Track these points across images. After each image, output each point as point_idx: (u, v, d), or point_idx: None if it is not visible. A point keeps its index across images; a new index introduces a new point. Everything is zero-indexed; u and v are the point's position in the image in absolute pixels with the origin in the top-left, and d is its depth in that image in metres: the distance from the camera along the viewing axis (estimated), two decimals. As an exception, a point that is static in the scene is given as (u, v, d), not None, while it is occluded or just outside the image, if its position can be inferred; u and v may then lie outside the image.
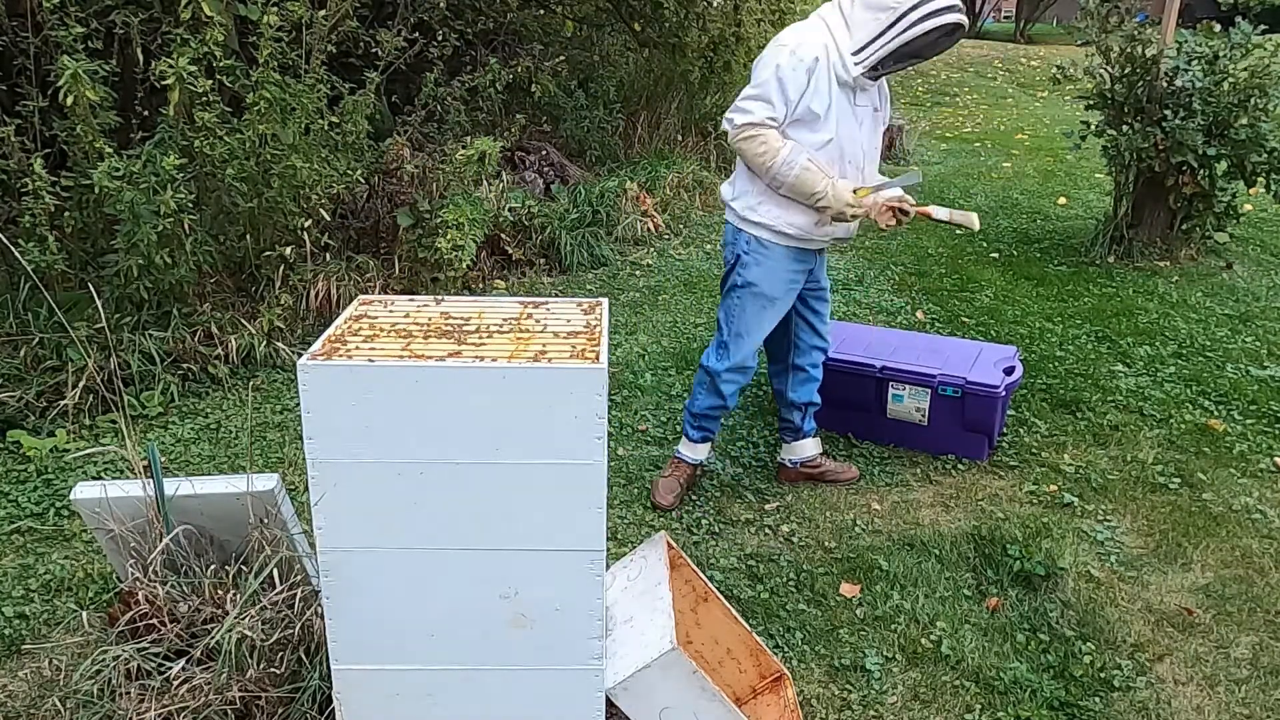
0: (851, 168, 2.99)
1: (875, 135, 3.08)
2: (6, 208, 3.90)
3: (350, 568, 1.88)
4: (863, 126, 2.99)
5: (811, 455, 3.46)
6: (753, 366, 3.24)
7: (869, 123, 3.02)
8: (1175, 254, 5.96)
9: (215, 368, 4.10)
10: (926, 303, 5.31)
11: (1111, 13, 5.66)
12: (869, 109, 3.01)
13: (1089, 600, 2.86)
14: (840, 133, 2.93)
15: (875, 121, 3.06)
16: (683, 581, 2.39)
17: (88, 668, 2.11)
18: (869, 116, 3.02)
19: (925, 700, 2.48)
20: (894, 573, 2.96)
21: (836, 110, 2.91)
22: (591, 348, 1.86)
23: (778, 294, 3.12)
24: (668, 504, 3.29)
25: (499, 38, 6.42)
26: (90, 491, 2.27)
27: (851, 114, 2.95)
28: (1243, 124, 5.41)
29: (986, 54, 16.72)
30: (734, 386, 3.25)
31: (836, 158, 2.95)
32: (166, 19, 4.20)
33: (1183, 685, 2.55)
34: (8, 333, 3.83)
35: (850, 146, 2.97)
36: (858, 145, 2.99)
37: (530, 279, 5.58)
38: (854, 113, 2.95)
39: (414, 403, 1.77)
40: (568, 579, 1.90)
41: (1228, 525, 3.25)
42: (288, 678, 2.12)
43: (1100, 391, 4.21)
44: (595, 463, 1.82)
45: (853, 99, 2.94)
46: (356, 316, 2.00)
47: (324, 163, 4.44)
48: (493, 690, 1.99)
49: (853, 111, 2.95)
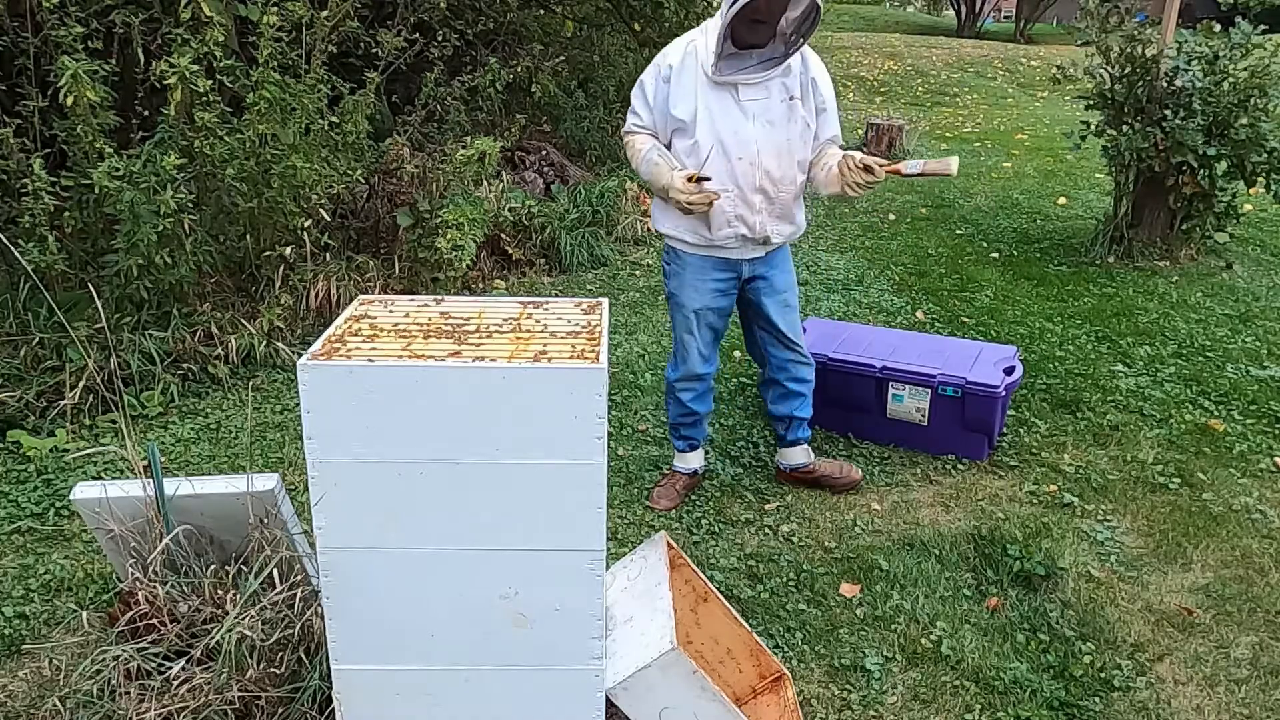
0: (746, 164, 2.90)
1: (788, 127, 2.92)
2: (6, 208, 3.90)
3: (350, 568, 1.88)
4: (757, 120, 2.88)
5: (800, 463, 3.42)
6: (704, 374, 3.21)
7: (775, 116, 2.89)
8: (1175, 254, 5.96)
9: (215, 368, 4.10)
10: (926, 303, 5.31)
11: (1111, 13, 5.66)
12: (769, 101, 2.88)
13: (1089, 600, 2.86)
14: (721, 131, 2.86)
15: (787, 112, 2.91)
16: (683, 581, 2.39)
17: (88, 668, 2.11)
18: (773, 109, 2.89)
19: (925, 700, 2.48)
20: (894, 573, 2.96)
21: (711, 112, 2.86)
22: (591, 348, 1.86)
23: (697, 303, 3.09)
24: (664, 507, 3.30)
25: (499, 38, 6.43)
26: (90, 491, 2.27)
27: (738, 111, 2.87)
28: (1243, 124, 5.41)
29: (986, 54, 16.72)
30: (691, 394, 3.24)
31: (719, 157, 2.88)
32: (166, 19, 4.20)
33: (1183, 685, 2.55)
34: (8, 333, 3.83)
35: (738, 144, 2.88)
36: (751, 141, 2.88)
37: (530, 279, 5.59)
38: (741, 109, 2.87)
39: (414, 403, 1.77)
40: (568, 579, 1.89)
41: (1228, 525, 3.25)
42: (288, 678, 2.12)
43: (1100, 391, 4.21)
44: (595, 463, 1.82)
45: (736, 95, 2.87)
46: (356, 316, 2.00)
47: (324, 163, 4.44)
48: (493, 690, 1.99)
49: (739, 108, 2.87)
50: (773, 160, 2.92)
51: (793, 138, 2.94)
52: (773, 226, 3.01)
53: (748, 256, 3.07)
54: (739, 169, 2.90)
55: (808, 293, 5.43)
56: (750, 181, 2.92)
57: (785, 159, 2.94)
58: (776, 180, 2.95)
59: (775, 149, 2.92)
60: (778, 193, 2.97)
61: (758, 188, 2.94)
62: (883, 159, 2.88)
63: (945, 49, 17.03)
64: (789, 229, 3.07)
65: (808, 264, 5.94)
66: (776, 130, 2.91)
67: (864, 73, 14.66)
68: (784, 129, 2.92)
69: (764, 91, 2.88)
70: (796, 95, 2.91)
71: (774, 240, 3.04)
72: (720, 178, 2.90)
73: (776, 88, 2.89)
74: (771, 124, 2.90)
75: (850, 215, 7.14)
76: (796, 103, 2.91)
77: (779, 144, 2.92)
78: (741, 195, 2.94)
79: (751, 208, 2.96)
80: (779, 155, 2.93)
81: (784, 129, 2.92)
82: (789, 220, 3.06)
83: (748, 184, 2.92)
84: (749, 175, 2.91)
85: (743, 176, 2.91)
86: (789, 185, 2.98)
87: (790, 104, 2.91)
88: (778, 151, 2.93)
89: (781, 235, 3.05)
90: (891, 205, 7.47)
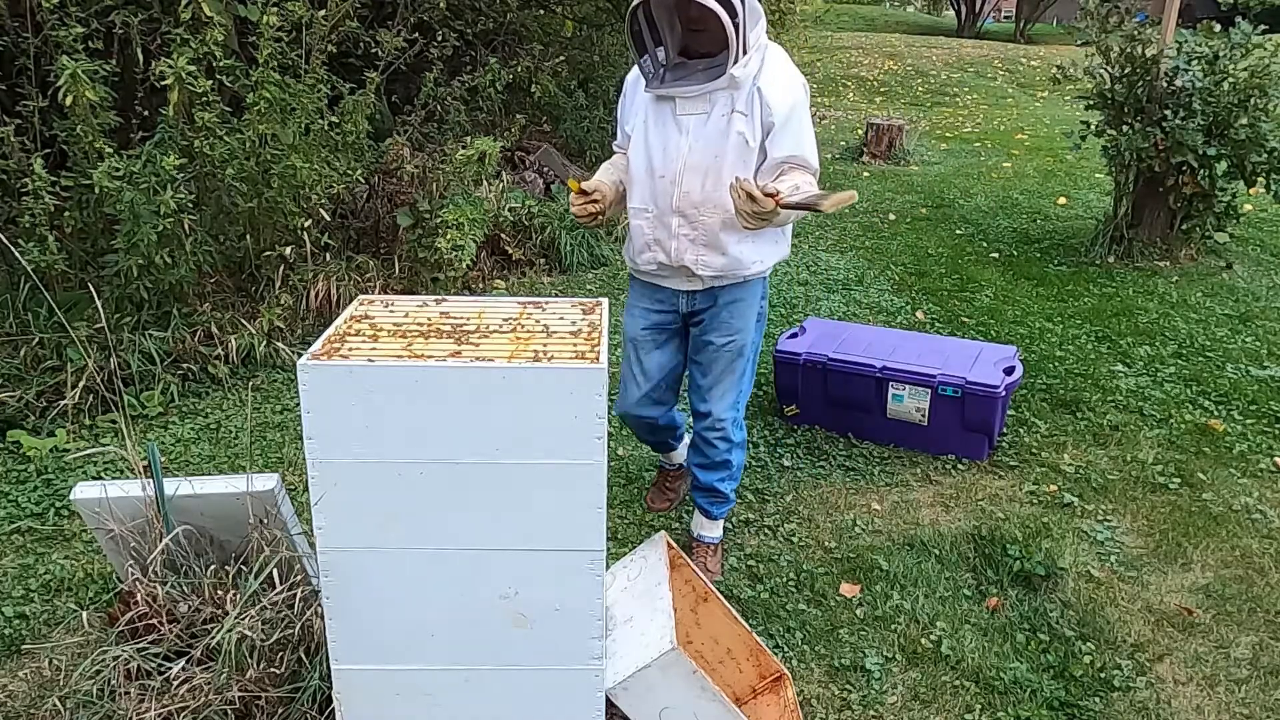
0: (666, 183, 2.61)
1: (719, 144, 2.55)
2: (6, 208, 3.90)
3: (350, 568, 1.88)
4: (689, 136, 2.57)
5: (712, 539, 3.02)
6: (644, 416, 2.94)
7: (710, 132, 2.56)
8: (1175, 254, 5.97)
9: (215, 368, 4.10)
10: (926, 303, 5.31)
11: (1111, 13, 5.66)
12: (709, 116, 2.56)
13: (1089, 600, 2.86)
14: (651, 146, 2.62)
15: (724, 126, 2.55)
16: (683, 581, 2.39)
17: (88, 668, 2.11)
18: (711, 125, 2.56)
19: (925, 700, 2.48)
20: (894, 573, 2.96)
21: (648, 124, 2.63)
22: (591, 348, 1.86)
23: (632, 331, 2.86)
24: (661, 508, 3.29)
25: (499, 38, 6.43)
26: (90, 491, 2.27)
27: (673, 124, 2.59)
28: (1243, 124, 5.42)
29: (986, 54, 16.72)
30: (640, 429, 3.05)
31: (644, 173, 2.64)
32: (166, 19, 4.20)
33: (1183, 685, 2.55)
34: (8, 333, 3.83)
35: (663, 160, 2.60)
36: (677, 157, 2.58)
37: (530, 279, 5.59)
38: (676, 122, 2.59)
39: (414, 403, 1.77)
40: (568, 579, 1.89)
41: (1228, 525, 3.25)
42: (288, 678, 2.12)
43: (1100, 391, 4.21)
44: (595, 463, 1.82)
45: (674, 108, 2.59)
46: (356, 316, 2.00)
47: (324, 163, 4.44)
48: (493, 690, 1.99)
49: (674, 121, 2.59)
50: (694, 180, 2.58)
51: (723, 156, 2.55)
52: (694, 255, 2.64)
53: (682, 288, 2.75)
54: (659, 187, 2.62)
55: (807, 293, 5.43)
56: (667, 202, 2.61)
57: (711, 179, 2.56)
58: (697, 203, 2.59)
59: (701, 168, 2.57)
60: (699, 217, 2.60)
61: (675, 209, 2.61)
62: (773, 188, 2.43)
63: (945, 49, 17.04)
64: (719, 260, 2.64)
65: (808, 264, 5.94)
66: (707, 147, 2.56)
67: (864, 73, 14.67)
68: (715, 145, 2.56)
69: (705, 105, 2.56)
70: (740, 108, 2.54)
71: (698, 272, 2.66)
72: (642, 197, 2.66)
73: (721, 101, 2.55)
74: (703, 140, 2.57)
75: (850, 215, 7.14)
76: (736, 117, 2.54)
77: (705, 163, 2.57)
78: (659, 217, 2.65)
79: (668, 231, 2.64)
80: (704, 175, 2.57)
81: (715, 145, 2.56)
82: (718, 250, 2.63)
83: (665, 205, 2.62)
84: (667, 195, 2.61)
85: (661, 196, 2.62)
86: (714, 209, 2.58)
87: (729, 118, 2.55)
88: (703, 170, 2.57)
89: (709, 268, 2.65)
90: (891, 205, 7.48)
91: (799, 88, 2.60)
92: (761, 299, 2.81)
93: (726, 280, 2.69)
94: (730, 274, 2.68)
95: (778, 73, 2.58)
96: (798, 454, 3.68)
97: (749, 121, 2.54)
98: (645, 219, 2.67)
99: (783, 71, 2.59)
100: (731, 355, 2.77)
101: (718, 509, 2.98)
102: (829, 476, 3.53)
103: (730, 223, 2.56)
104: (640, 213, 2.68)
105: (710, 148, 2.56)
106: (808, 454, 3.68)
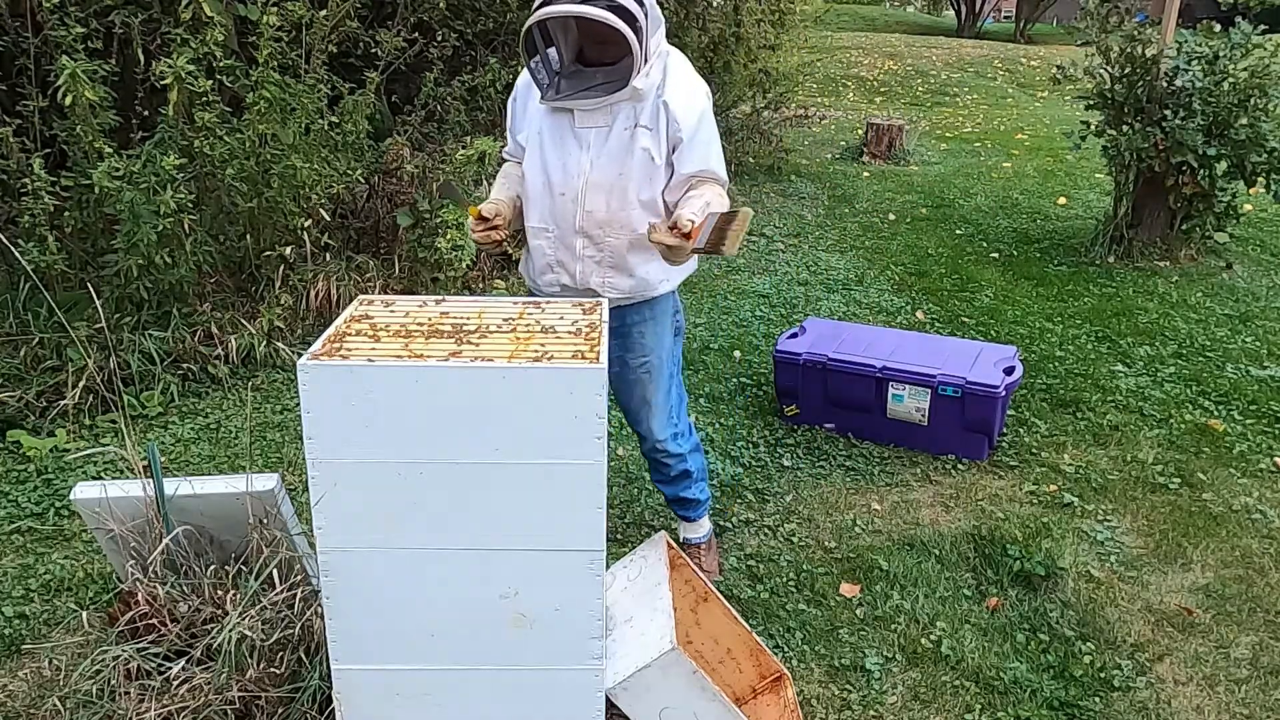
0: (568, 201, 2.45)
1: (624, 160, 2.41)
2: (6, 208, 3.91)
3: (350, 568, 1.88)
4: (590, 151, 2.42)
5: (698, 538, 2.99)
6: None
7: (612, 147, 2.41)
8: (1175, 254, 5.97)
9: (215, 368, 4.10)
10: (926, 303, 5.31)
11: (1111, 13, 5.66)
12: (611, 129, 2.41)
13: (1089, 600, 2.86)
14: (548, 162, 2.45)
15: (627, 143, 2.40)
16: (683, 581, 2.39)
17: (88, 668, 2.11)
18: (613, 139, 2.41)
19: (925, 700, 2.48)
20: (894, 573, 2.96)
21: (544, 137, 2.46)
22: (591, 348, 1.86)
23: None
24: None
25: (499, 38, 6.41)
26: (90, 491, 2.27)
27: (572, 138, 2.43)
28: (1243, 124, 5.42)
29: (986, 54, 16.72)
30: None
31: (542, 190, 2.48)
32: (166, 19, 4.20)
33: (1183, 685, 2.55)
34: (8, 333, 3.83)
35: (563, 178, 2.45)
36: (578, 174, 2.43)
37: (530, 279, 5.58)
38: (575, 136, 2.43)
39: (414, 403, 1.77)
40: (568, 579, 1.89)
41: (1228, 525, 3.25)
42: (288, 678, 2.12)
43: (1100, 391, 4.21)
44: (595, 463, 1.82)
45: (572, 120, 2.42)
46: (356, 317, 2.00)
47: (324, 163, 4.44)
48: (493, 690, 1.99)
49: (573, 135, 2.43)
50: (599, 199, 2.44)
51: (628, 174, 2.41)
52: (600, 278, 2.51)
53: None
54: (559, 206, 2.47)
55: (807, 293, 5.43)
56: (570, 222, 2.47)
57: (617, 198, 2.43)
58: (602, 223, 2.45)
59: (605, 186, 2.43)
60: (605, 237, 2.46)
61: (578, 229, 2.47)
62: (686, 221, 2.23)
63: (945, 49, 17.03)
64: (626, 282, 2.51)
65: (808, 264, 5.94)
66: (610, 164, 2.42)
67: (864, 73, 14.66)
68: (619, 163, 2.42)
69: (605, 118, 2.40)
70: (645, 123, 2.40)
71: (604, 294, 2.49)
72: (542, 216, 2.50)
73: (624, 113, 2.40)
74: (605, 156, 2.42)
75: (850, 215, 7.14)
76: (641, 132, 2.40)
77: (609, 180, 2.42)
78: (561, 237, 2.50)
79: (572, 252, 2.49)
80: (609, 193, 2.43)
81: (619, 163, 2.42)
82: (625, 272, 2.50)
83: (567, 225, 2.48)
84: (569, 214, 2.46)
85: (562, 216, 2.47)
86: (620, 229, 2.45)
87: (633, 133, 2.40)
88: (608, 188, 2.43)
89: (616, 290, 2.51)
90: (891, 205, 7.47)
91: (703, 96, 2.47)
92: (675, 314, 2.70)
93: (635, 300, 2.57)
94: (639, 295, 2.56)
95: (681, 83, 2.44)
96: (798, 454, 3.68)
97: (654, 137, 2.41)
98: (546, 239, 2.52)
99: (686, 81, 2.46)
100: (649, 374, 2.66)
101: (694, 512, 2.95)
102: (829, 476, 3.53)
103: (637, 243, 2.46)
104: (540, 232, 2.53)
105: (614, 165, 2.42)
106: (808, 454, 3.68)
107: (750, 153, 8.31)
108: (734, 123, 8.40)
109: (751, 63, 7.94)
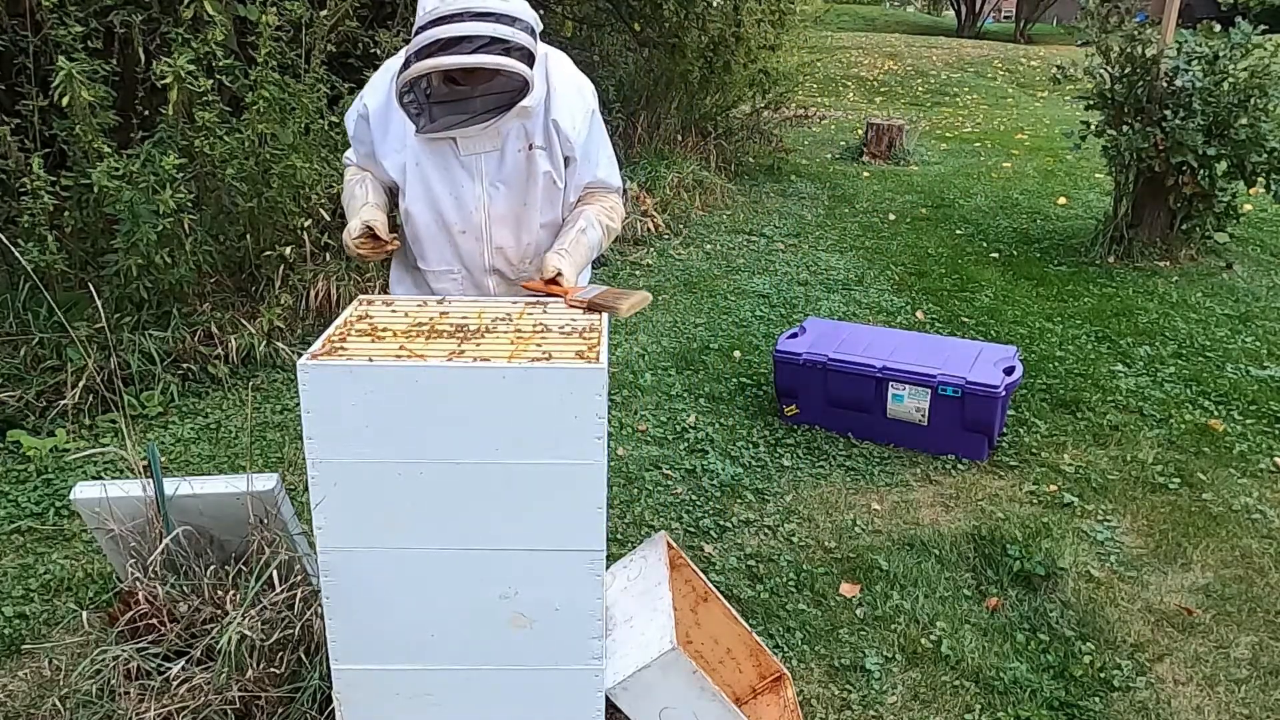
0: (471, 240, 2.22)
1: (526, 188, 2.20)
2: (6, 207, 3.90)
3: (350, 568, 1.88)
4: (484, 181, 2.18)
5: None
6: None
7: (509, 173, 2.19)
8: (1175, 254, 5.97)
9: (215, 368, 4.10)
10: (926, 303, 5.31)
11: (1111, 13, 5.66)
12: (502, 153, 2.17)
13: (1089, 600, 2.86)
14: (438, 197, 2.19)
15: (525, 166, 2.18)
16: (683, 581, 2.39)
17: (87, 668, 2.11)
18: (507, 165, 2.18)
19: (925, 700, 2.48)
20: (894, 573, 2.96)
21: (424, 170, 2.18)
22: (591, 348, 1.86)
23: None
24: None
25: (499, 37, 6.43)
26: (90, 491, 2.27)
27: (459, 168, 2.17)
28: (1243, 124, 5.42)
29: (986, 54, 16.72)
30: None
31: (434, 229, 2.22)
32: (166, 19, 4.20)
33: (1183, 685, 2.55)
34: (8, 333, 3.83)
35: (460, 215, 2.20)
36: (476, 209, 2.19)
37: (530, 279, 5.58)
38: (463, 166, 2.17)
39: (414, 403, 1.77)
40: (568, 579, 1.89)
41: (1228, 525, 3.25)
42: (288, 678, 2.12)
43: (1100, 391, 4.21)
44: (595, 463, 1.82)
45: (455, 148, 2.15)
46: (357, 316, 2.00)
47: (324, 162, 4.44)
48: (493, 690, 1.99)
49: (459, 164, 2.17)
50: (507, 233, 2.23)
51: (532, 201, 2.21)
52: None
53: None
54: (463, 246, 2.23)
55: (807, 293, 5.43)
56: (478, 262, 2.25)
57: (526, 229, 2.24)
58: (514, 259, 2.26)
59: (510, 218, 2.22)
60: (519, 272, 2.28)
61: (489, 269, 2.26)
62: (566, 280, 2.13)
63: (945, 49, 17.03)
64: None
65: (808, 264, 5.94)
66: (510, 193, 2.20)
67: (864, 73, 14.66)
68: (521, 191, 2.20)
69: (494, 141, 2.15)
70: (538, 142, 2.18)
71: None
72: (442, 258, 2.26)
73: (513, 134, 2.16)
74: (504, 185, 2.19)
75: (850, 215, 7.14)
76: (538, 153, 2.18)
77: (514, 211, 2.22)
78: (470, 278, 2.27)
79: (485, 293, 2.28)
80: (515, 226, 2.23)
81: (521, 191, 2.20)
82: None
83: (476, 265, 2.26)
84: (475, 254, 2.24)
85: (469, 256, 2.24)
86: (532, 261, 2.26)
87: (529, 155, 2.18)
88: (514, 220, 2.22)
89: None
90: (891, 205, 7.48)
91: (589, 97, 2.27)
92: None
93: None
94: None
95: (567, 94, 2.21)
96: (798, 454, 3.68)
97: (550, 156, 2.21)
98: (452, 282, 2.28)
99: (571, 90, 2.23)
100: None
101: None
102: (829, 476, 3.53)
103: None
104: (443, 275, 2.28)
105: (516, 194, 2.21)
106: (808, 454, 3.68)
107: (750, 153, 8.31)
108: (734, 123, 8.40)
109: (751, 63, 7.95)
